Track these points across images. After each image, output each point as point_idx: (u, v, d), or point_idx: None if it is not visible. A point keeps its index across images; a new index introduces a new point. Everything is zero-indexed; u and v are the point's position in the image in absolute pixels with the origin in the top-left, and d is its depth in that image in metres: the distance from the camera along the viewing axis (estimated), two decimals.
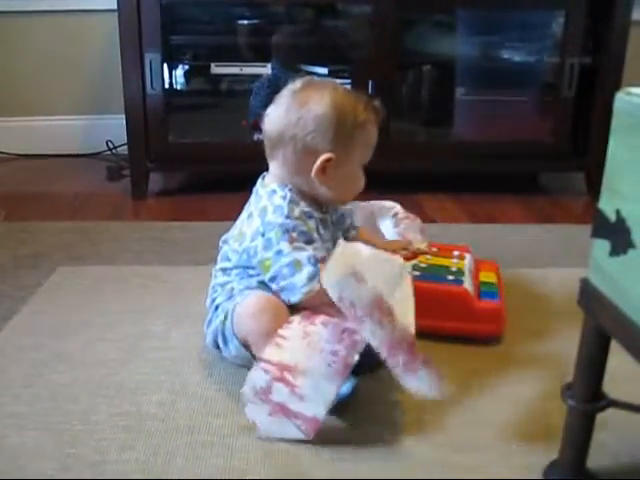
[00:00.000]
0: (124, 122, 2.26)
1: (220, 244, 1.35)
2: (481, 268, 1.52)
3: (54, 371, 1.27)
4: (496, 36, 2.53)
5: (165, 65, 2.27)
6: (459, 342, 1.35)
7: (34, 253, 1.81)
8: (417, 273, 1.42)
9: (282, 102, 1.26)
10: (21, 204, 2.27)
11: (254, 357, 1.17)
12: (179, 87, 2.60)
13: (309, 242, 1.21)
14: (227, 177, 2.48)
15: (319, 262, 1.18)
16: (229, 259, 1.31)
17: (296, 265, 1.18)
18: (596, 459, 1.00)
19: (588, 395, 0.93)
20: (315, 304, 1.16)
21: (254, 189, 1.31)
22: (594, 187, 2.33)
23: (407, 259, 1.42)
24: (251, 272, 1.27)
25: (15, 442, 1.07)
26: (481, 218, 2.17)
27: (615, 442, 1.09)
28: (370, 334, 1.05)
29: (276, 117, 1.25)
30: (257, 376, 1.08)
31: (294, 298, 1.18)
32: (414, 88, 2.56)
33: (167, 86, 2.36)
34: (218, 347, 1.28)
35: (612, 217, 0.82)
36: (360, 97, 1.28)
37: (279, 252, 1.19)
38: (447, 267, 1.45)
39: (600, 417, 0.94)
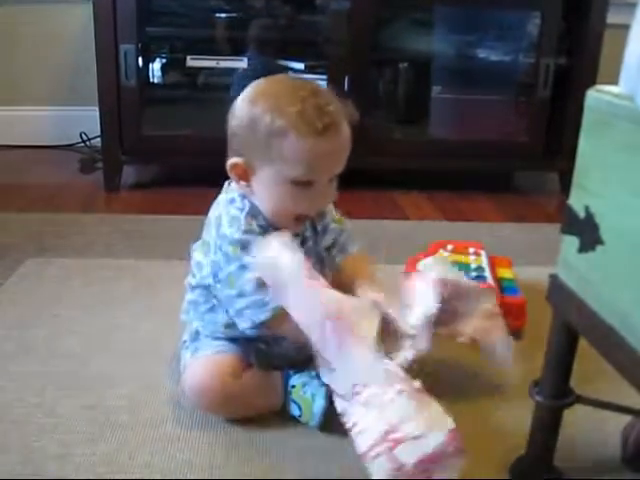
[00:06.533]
0: (98, 114, 2.23)
1: (191, 252, 1.25)
2: (496, 264, 1.53)
3: (20, 363, 1.26)
4: (473, 35, 2.55)
5: (140, 57, 2.25)
6: None
7: (3, 244, 1.79)
8: None
9: (239, 97, 1.14)
10: None
11: None
12: (154, 79, 2.58)
13: None
14: (201, 171, 2.47)
15: None
16: (194, 274, 1.21)
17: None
18: (564, 456, 1.00)
19: (555, 391, 0.93)
20: (285, 329, 1.06)
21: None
22: (567, 187, 2.34)
23: None
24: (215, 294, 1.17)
25: None
26: (455, 216, 2.18)
27: (582, 439, 1.09)
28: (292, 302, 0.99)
29: (229, 113, 1.14)
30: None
31: (262, 316, 1.06)
32: (390, 85, 2.56)
33: (142, 78, 2.34)
34: None
35: (581, 213, 0.82)
36: (311, 99, 1.06)
37: (243, 266, 1.07)
38: (467, 264, 1.47)
39: (568, 413, 0.95)
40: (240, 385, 1.10)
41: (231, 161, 1.11)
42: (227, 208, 1.13)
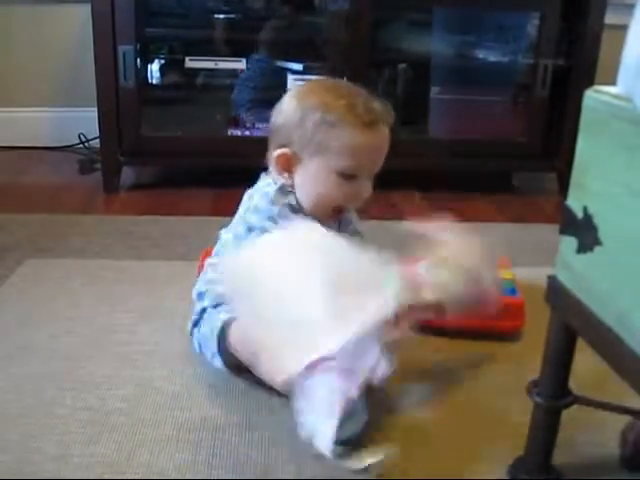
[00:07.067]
0: (96, 115, 2.23)
1: (218, 235, 1.31)
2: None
3: (19, 364, 1.25)
4: (472, 36, 2.54)
5: (139, 58, 2.25)
6: (480, 339, 1.38)
7: (3, 245, 1.78)
8: None
9: (284, 96, 1.22)
10: None
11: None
12: (153, 80, 2.58)
13: None
14: (200, 172, 2.47)
15: None
16: (218, 255, 1.27)
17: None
18: (562, 456, 1.00)
19: (554, 392, 0.93)
20: None
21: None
22: (565, 187, 2.33)
23: None
24: None
25: None
26: (453, 217, 2.17)
27: (581, 439, 1.09)
28: None
29: (274, 110, 1.22)
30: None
31: None
32: (389, 86, 2.56)
33: (141, 79, 2.34)
34: (202, 350, 1.25)
35: (579, 214, 0.82)
36: (356, 96, 1.17)
37: (250, 229, 1.15)
38: None
39: (567, 414, 0.95)
40: None
41: (277, 152, 1.17)
42: (262, 189, 1.19)
